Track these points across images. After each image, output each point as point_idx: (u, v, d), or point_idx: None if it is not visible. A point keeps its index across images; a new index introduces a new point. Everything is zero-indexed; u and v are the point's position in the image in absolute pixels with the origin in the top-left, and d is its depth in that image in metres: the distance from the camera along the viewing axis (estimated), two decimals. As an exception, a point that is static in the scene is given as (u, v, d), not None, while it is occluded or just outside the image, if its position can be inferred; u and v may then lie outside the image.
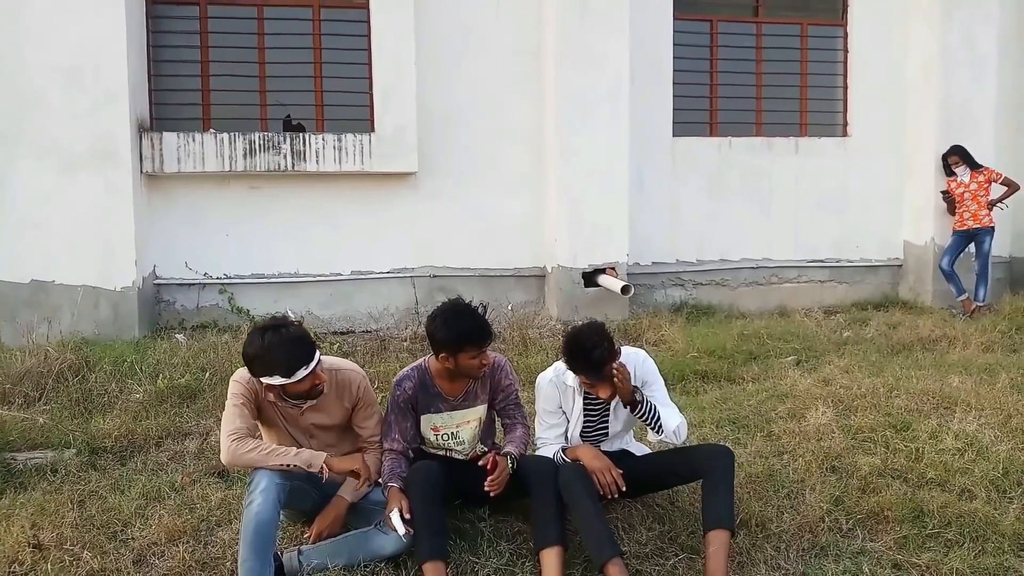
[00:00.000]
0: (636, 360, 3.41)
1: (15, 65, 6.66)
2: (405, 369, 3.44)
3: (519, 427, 3.45)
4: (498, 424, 3.70)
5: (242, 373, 3.17)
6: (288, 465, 2.95)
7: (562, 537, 3.01)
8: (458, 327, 3.18)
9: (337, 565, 3.00)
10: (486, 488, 3.13)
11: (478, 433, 3.47)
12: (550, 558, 2.96)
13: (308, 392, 3.13)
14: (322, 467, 2.96)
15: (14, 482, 3.93)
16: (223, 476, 3.99)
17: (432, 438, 3.42)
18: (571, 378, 3.35)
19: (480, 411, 3.45)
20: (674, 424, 3.28)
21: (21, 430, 4.53)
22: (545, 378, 3.45)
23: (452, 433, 3.42)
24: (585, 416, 3.44)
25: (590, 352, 3.12)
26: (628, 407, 3.28)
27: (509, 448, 3.31)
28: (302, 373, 3.02)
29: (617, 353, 3.23)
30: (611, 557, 2.90)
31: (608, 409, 3.43)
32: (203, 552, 3.21)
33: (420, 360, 3.45)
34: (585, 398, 3.40)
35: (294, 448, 3.06)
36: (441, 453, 3.45)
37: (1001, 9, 8.65)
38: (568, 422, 3.43)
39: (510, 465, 3.21)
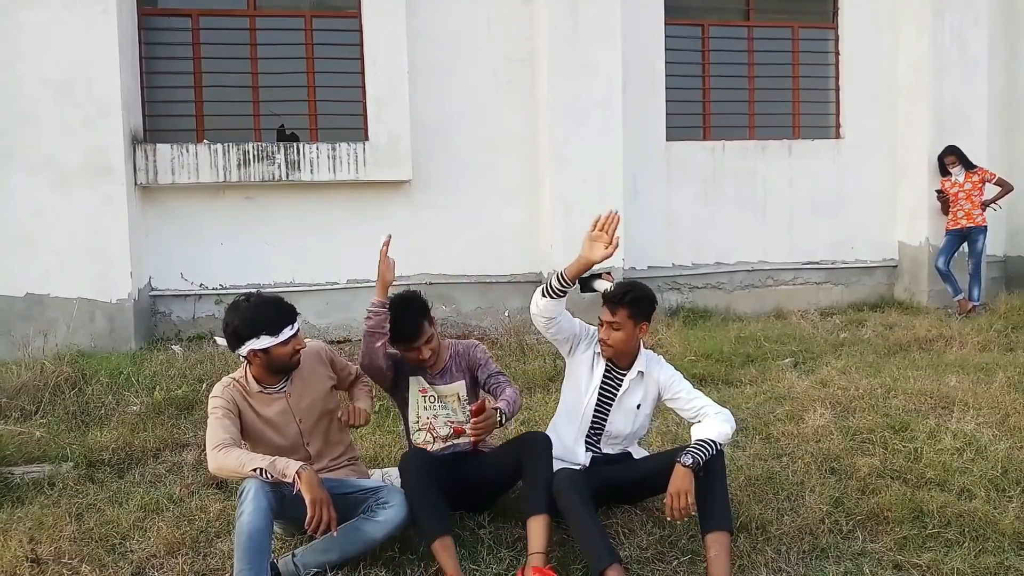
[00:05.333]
0: (652, 363, 3.42)
1: (7, 81, 6.66)
2: None
3: (507, 387, 3.44)
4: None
5: (218, 387, 3.19)
6: (264, 472, 2.85)
7: (551, 506, 3.03)
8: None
9: (332, 562, 2.99)
10: (469, 432, 3.17)
11: (460, 411, 3.49)
12: (537, 524, 2.99)
13: (290, 360, 3.15)
14: (295, 477, 2.83)
15: (11, 496, 3.91)
16: (221, 487, 3.98)
17: (420, 401, 3.48)
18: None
19: (457, 387, 3.51)
20: (726, 432, 3.20)
21: (18, 444, 4.51)
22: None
23: (438, 397, 3.49)
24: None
25: (622, 289, 3.33)
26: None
27: (499, 404, 3.33)
28: (288, 332, 3.08)
29: (635, 318, 3.30)
30: (610, 564, 2.88)
31: (610, 406, 3.41)
32: (202, 564, 3.19)
33: None
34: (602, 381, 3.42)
35: (272, 457, 2.96)
36: (424, 433, 3.47)
37: (990, 9, 8.69)
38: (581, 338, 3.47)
39: (500, 420, 3.24)
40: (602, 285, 7.59)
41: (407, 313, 3.37)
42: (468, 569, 3.10)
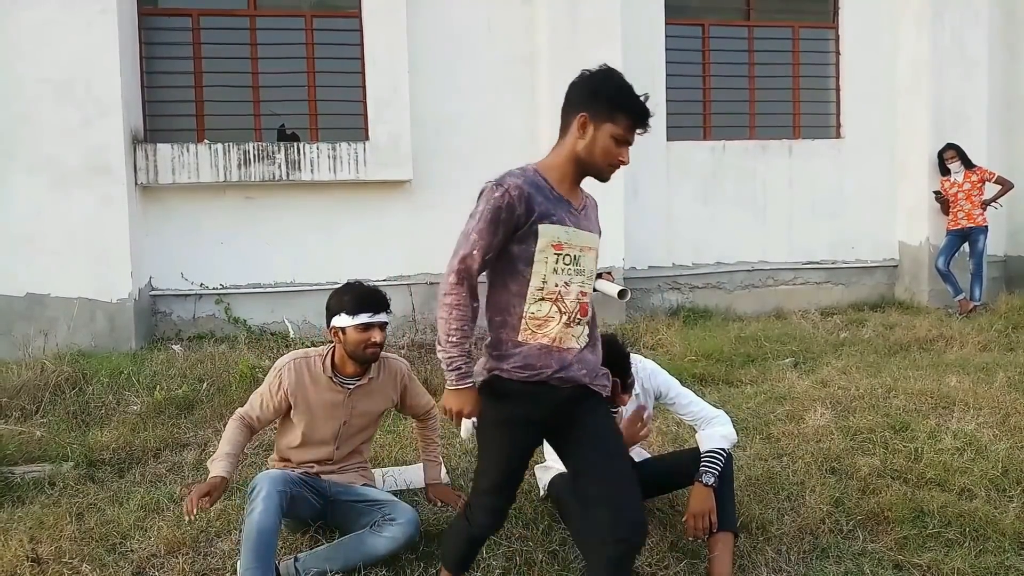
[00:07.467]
0: (644, 375, 3.30)
1: (7, 81, 6.66)
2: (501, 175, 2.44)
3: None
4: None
5: (286, 359, 3.32)
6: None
7: None
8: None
9: (334, 570, 2.99)
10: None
11: (592, 277, 2.53)
12: None
13: (363, 351, 3.21)
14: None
15: (12, 496, 3.91)
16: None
17: (551, 264, 2.40)
18: None
19: (596, 241, 2.53)
20: (731, 435, 3.18)
21: (18, 443, 4.51)
22: None
23: (575, 257, 2.43)
24: None
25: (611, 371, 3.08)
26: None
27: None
28: (363, 318, 3.18)
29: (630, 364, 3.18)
30: None
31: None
32: (202, 563, 3.19)
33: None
34: None
35: (229, 453, 3.17)
36: (548, 304, 2.43)
37: (990, 9, 8.70)
38: None
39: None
40: (603, 285, 7.58)
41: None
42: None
